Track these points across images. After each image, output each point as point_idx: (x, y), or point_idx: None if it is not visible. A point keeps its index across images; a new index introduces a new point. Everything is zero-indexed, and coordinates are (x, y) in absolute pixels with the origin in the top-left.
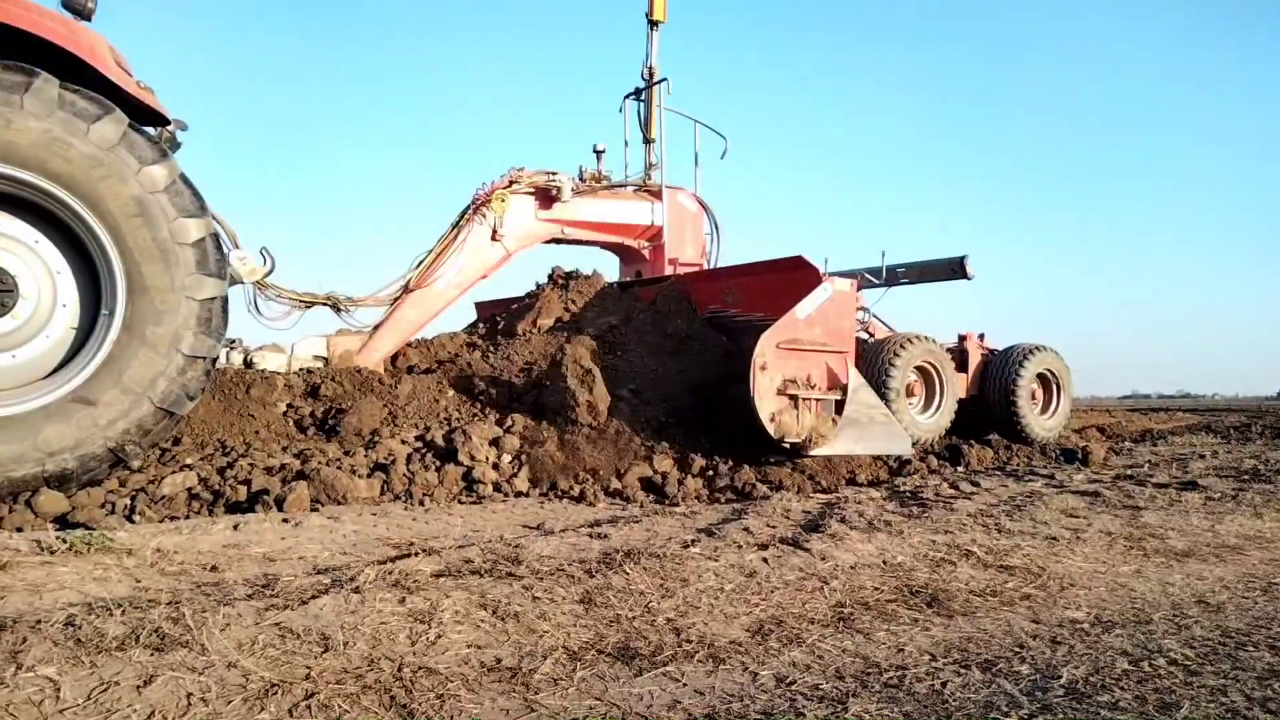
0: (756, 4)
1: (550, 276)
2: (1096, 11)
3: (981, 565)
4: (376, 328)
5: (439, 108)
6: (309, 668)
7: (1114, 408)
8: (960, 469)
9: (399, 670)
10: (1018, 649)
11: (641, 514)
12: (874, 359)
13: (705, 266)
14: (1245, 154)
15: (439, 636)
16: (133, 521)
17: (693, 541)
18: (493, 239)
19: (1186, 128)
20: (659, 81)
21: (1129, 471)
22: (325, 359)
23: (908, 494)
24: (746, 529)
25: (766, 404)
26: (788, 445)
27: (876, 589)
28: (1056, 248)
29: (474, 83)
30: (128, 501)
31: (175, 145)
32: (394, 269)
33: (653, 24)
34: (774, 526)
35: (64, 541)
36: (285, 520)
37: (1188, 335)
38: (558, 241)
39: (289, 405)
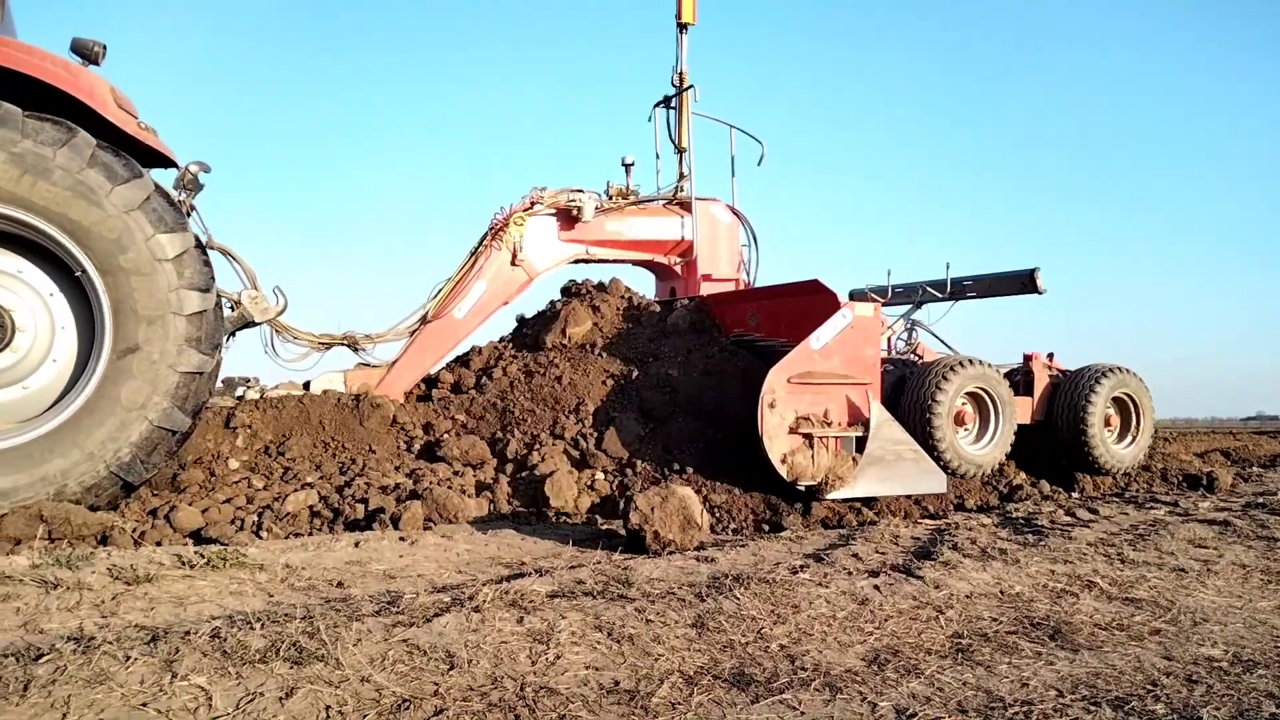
0: (801, 6)
1: (563, 290)
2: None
3: (1105, 597)
4: (394, 362)
5: (462, 122)
6: (437, 684)
7: (1238, 430)
8: (1075, 495)
9: (521, 689)
10: (1150, 687)
11: (747, 538)
12: (919, 384)
13: (743, 279)
14: None
15: (558, 657)
16: (260, 537)
17: (801, 567)
18: (513, 263)
19: None
20: (688, 88)
21: (1260, 499)
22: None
23: (1021, 520)
24: (855, 555)
25: (777, 444)
26: (802, 488)
27: (995, 620)
28: (1173, 262)
29: (503, 97)
30: (255, 518)
31: (198, 187)
32: (418, 289)
33: (682, 27)
34: (883, 553)
35: (202, 557)
36: (402, 539)
37: None
38: (584, 261)
39: (400, 428)
